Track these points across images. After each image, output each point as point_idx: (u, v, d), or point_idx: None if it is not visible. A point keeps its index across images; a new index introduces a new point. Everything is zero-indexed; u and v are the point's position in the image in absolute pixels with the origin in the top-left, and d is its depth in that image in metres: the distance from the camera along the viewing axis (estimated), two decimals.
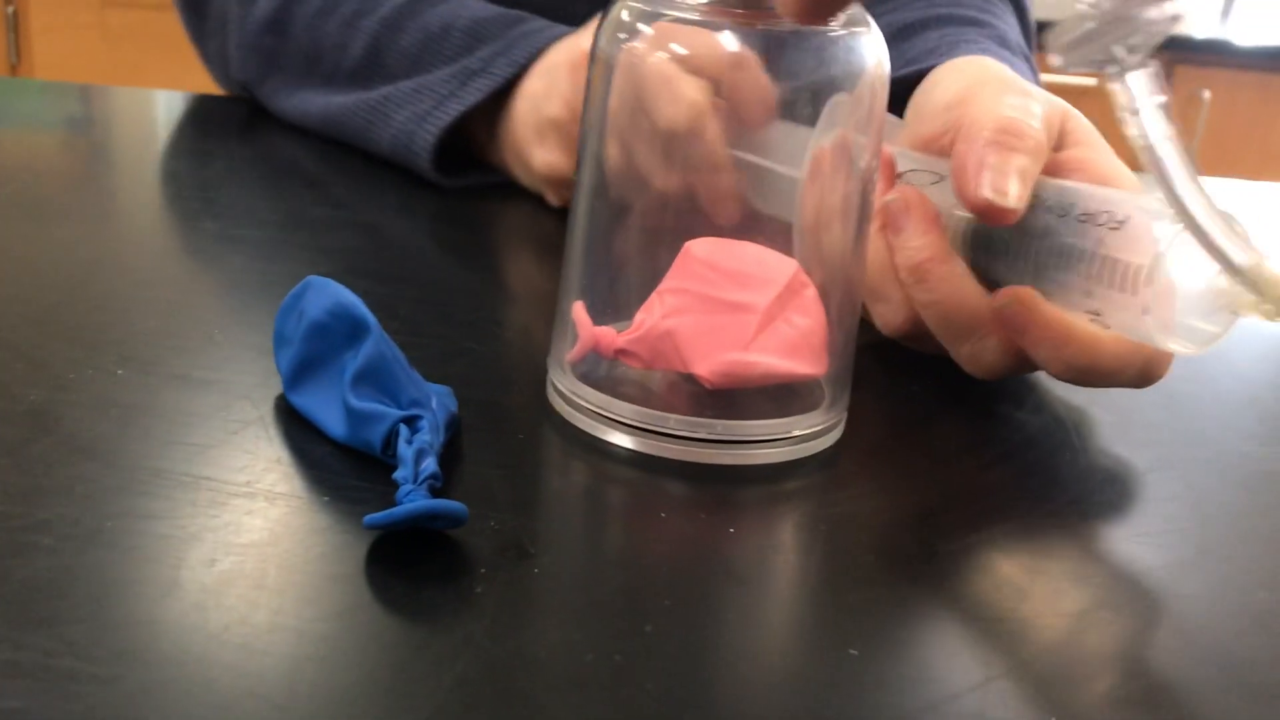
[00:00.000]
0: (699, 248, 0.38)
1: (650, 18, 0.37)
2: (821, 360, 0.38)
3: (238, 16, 0.75)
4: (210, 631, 0.26)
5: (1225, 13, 2.86)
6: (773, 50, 0.37)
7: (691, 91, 0.59)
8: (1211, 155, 2.45)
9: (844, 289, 0.39)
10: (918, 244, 0.41)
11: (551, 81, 0.61)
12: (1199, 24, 2.60)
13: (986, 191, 0.38)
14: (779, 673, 0.27)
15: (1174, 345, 0.37)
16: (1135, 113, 0.28)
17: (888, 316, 0.44)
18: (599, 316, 0.38)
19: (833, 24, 0.36)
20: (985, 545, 0.34)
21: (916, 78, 0.50)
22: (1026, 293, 0.39)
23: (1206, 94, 2.41)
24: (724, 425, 0.37)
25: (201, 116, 0.78)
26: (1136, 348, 0.39)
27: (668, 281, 0.38)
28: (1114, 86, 0.29)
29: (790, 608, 0.30)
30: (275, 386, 0.38)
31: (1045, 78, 0.62)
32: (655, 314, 0.37)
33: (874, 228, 0.42)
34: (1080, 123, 0.45)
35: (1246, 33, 2.55)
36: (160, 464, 0.33)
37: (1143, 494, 0.38)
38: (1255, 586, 0.33)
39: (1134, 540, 0.35)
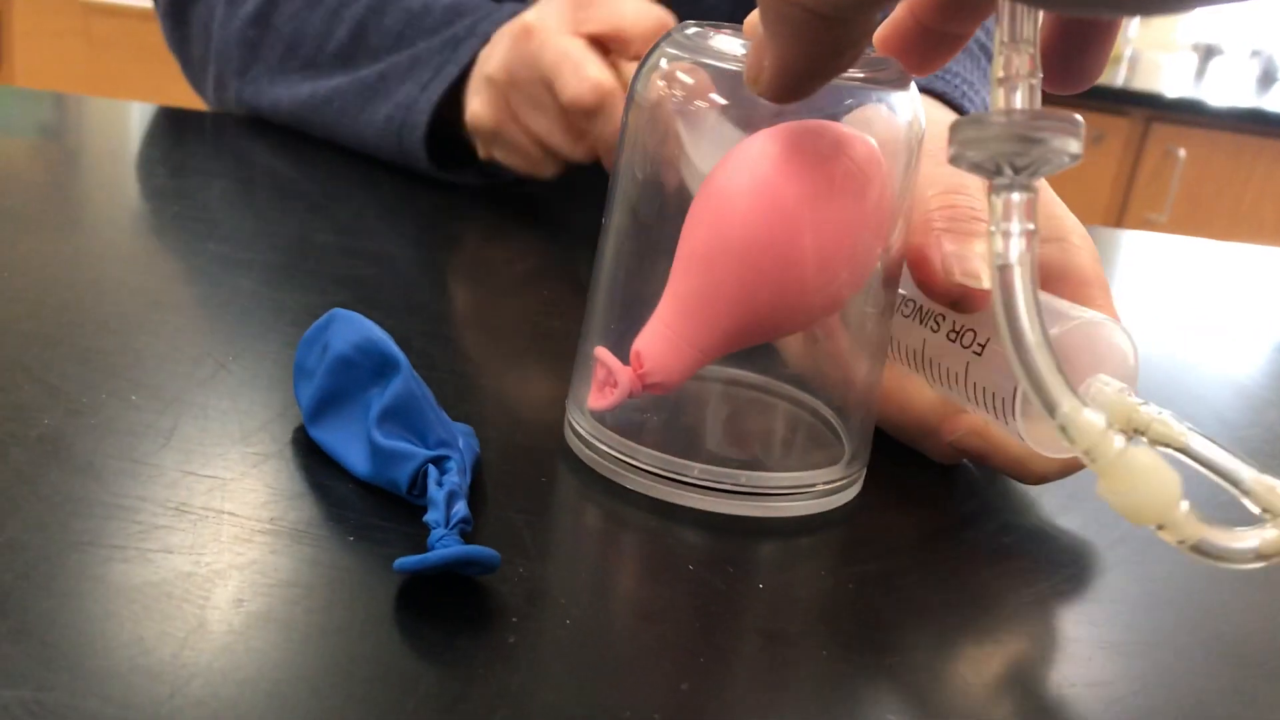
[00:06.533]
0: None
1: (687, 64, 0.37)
2: None
3: (222, 17, 0.77)
4: (242, 677, 0.25)
5: (1200, 73, 2.92)
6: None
7: (596, 71, 0.62)
8: (1184, 214, 2.49)
9: (867, 344, 0.39)
10: None
11: (494, 47, 0.67)
12: (1173, 83, 2.65)
13: (960, 278, 0.37)
14: None
15: (1063, 453, 0.36)
16: (1005, 233, 0.28)
17: None
18: (621, 359, 0.38)
19: (878, 76, 0.36)
20: (1002, 609, 0.34)
21: None
22: (979, 425, 0.39)
23: (1181, 152, 2.45)
24: (747, 476, 0.36)
25: (206, 132, 0.77)
26: None
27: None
28: (993, 198, 0.28)
29: (827, 668, 0.30)
30: (293, 419, 0.38)
31: None
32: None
33: None
34: None
35: (1220, 93, 2.60)
36: (181, 495, 0.32)
37: (1149, 559, 0.38)
38: None
39: (1147, 610, 0.35)
